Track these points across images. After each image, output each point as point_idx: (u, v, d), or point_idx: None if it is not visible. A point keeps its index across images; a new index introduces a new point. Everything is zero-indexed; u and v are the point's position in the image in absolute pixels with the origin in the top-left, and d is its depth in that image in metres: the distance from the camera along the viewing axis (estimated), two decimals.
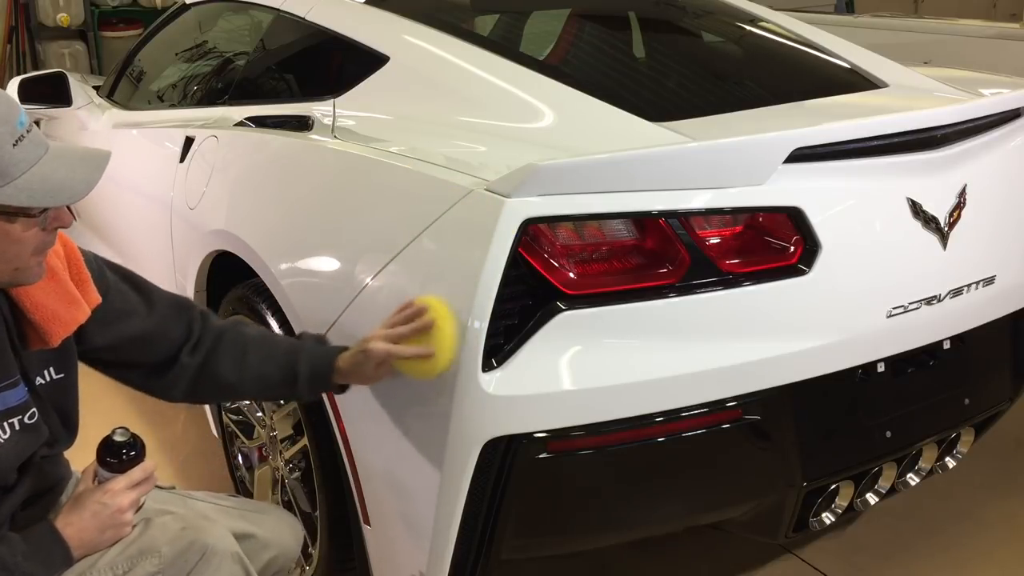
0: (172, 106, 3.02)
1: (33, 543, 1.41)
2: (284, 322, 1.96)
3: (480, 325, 1.50)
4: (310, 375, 1.62)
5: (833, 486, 1.87)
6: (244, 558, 1.55)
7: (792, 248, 1.67)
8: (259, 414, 2.27)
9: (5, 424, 1.42)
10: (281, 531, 1.74)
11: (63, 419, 1.56)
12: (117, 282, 1.60)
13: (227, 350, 1.65)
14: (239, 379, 1.65)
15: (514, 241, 1.50)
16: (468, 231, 1.57)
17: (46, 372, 1.51)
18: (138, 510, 1.52)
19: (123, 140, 3.10)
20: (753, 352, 1.64)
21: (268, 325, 2.00)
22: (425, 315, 1.51)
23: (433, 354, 1.50)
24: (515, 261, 1.51)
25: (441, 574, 1.66)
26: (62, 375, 1.53)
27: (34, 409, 1.47)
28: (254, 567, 1.60)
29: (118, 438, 1.47)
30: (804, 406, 1.73)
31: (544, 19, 2.68)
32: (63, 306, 1.44)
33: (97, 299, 1.51)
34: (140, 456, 1.49)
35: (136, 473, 1.47)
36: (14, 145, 1.28)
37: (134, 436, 1.49)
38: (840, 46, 2.48)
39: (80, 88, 3.54)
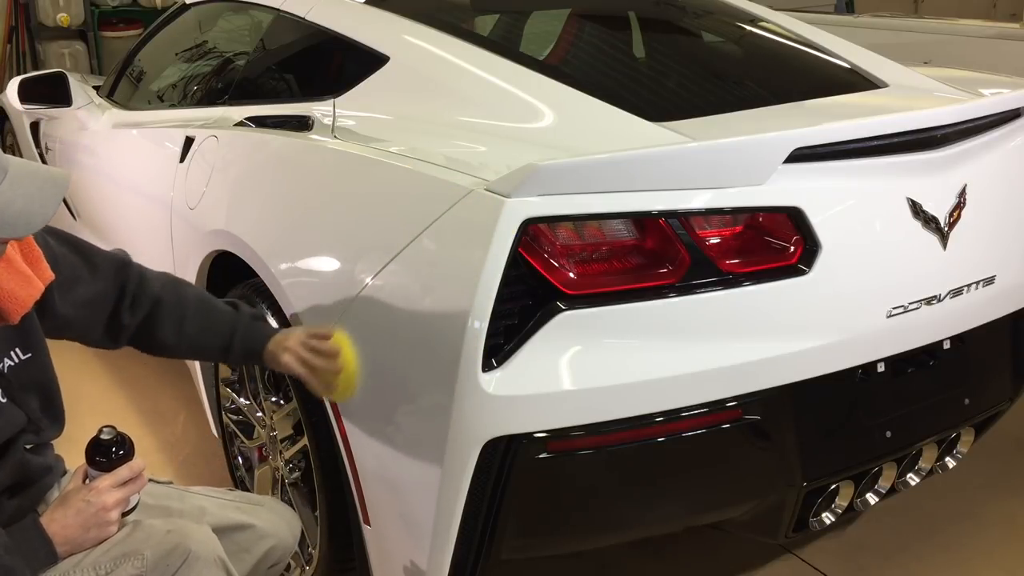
0: (172, 106, 3.02)
1: (17, 537, 1.41)
2: (284, 322, 1.96)
3: (480, 325, 1.50)
4: (242, 352, 1.75)
5: (833, 486, 1.87)
6: (228, 563, 1.54)
7: (792, 248, 1.67)
8: (259, 414, 2.27)
9: None
10: (278, 522, 1.75)
11: (43, 402, 1.56)
12: (61, 248, 1.63)
13: (166, 315, 1.73)
14: (176, 343, 1.75)
15: (514, 241, 1.50)
16: (468, 231, 1.57)
17: (12, 353, 1.52)
18: (130, 511, 1.51)
19: (123, 140, 3.10)
20: (753, 352, 1.64)
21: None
22: (335, 358, 1.66)
23: (332, 393, 1.70)
24: (515, 261, 1.52)
25: (441, 574, 1.66)
26: (30, 355, 1.54)
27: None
28: (251, 556, 1.63)
29: (105, 437, 1.47)
30: (804, 406, 1.73)
31: (544, 19, 2.68)
32: (17, 285, 1.45)
33: (50, 275, 1.53)
34: (128, 455, 1.48)
35: (123, 472, 1.47)
36: None
37: (121, 435, 1.48)
38: (840, 46, 2.48)
39: (80, 88, 3.54)
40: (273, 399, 2.17)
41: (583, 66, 2.41)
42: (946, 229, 1.81)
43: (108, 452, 1.46)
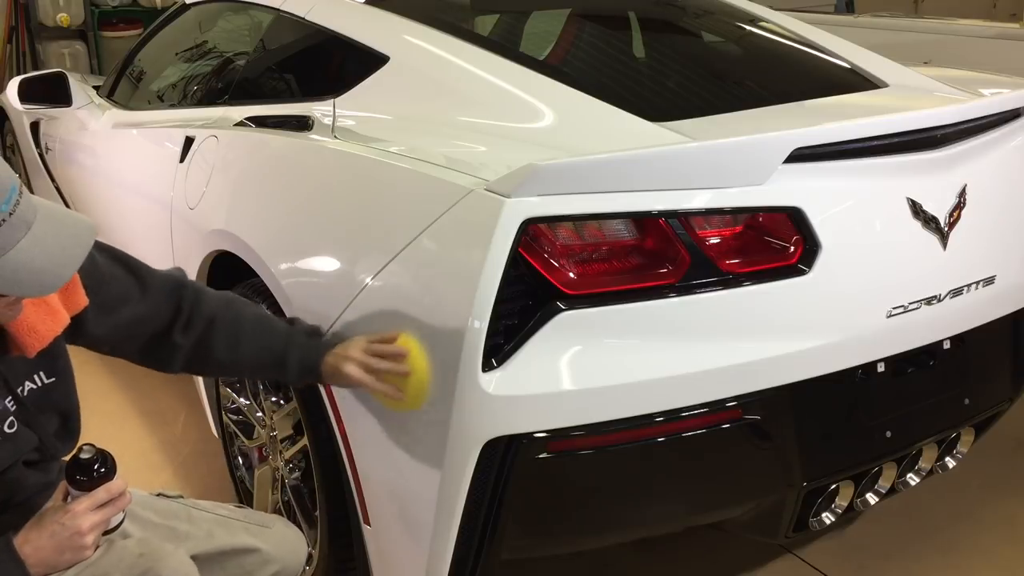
0: (172, 106, 3.02)
1: None
2: None
3: (480, 325, 1.50)
4: (299, 369, 1.67)
5: (833, 486, 1.87)
6: None
7: (792, 248, 1.67)
8: (259, 414, 2.27)
9: None
10: (284, 546, 1.72)
11: (60, 426, 1.54)
12: (111, 267, 1.59)
13: (220, 334, 1.67)
14: (231, 363, 1.70)
15: (514, 241, 1.50)
16: (468, 231, 1.57)
17: (36, 377, 1.48)
18: (112, 530, 1.47)
19: (123, 140, 3.10)
20: (753, 352, 1.64)
21: None
22: (402, 361, 1.57)
23: (403, 399, 1.59)
24: (515, 261, 1.52)
25: (441, 574, 1.66)
26: (53, 379, 1.50)
27: (12, 418, 1.44)
28: None
29: (85, 455, 1.39)
30: (804, 406, 1.73)
31: (544, 19, 2.68)
32: (40, 318, 1.41)
33: (83, 302, 1.48)
34: (110, 474, 1.41)
35: (100, 494, 1.39)
36: None
37: (103, 453, 1.41)
38: (840, 46, 2.48)
39: (80, 88, 3.54)
40: (273, 399, 2.17)
41: (583, 66, 2.41)
42: (946, 229, 1.81)
43: (88, 471, 1.40)
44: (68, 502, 1.40)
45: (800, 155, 1.63)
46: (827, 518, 1.90)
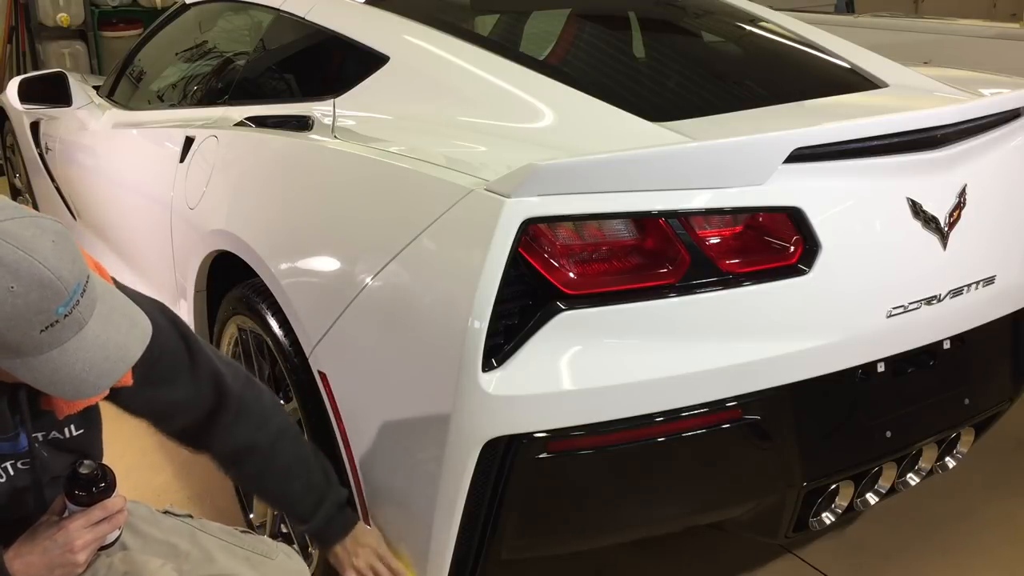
0: (172, 106, 3.02)
1: None
2: (284, 322, 1.96)
3: (480, 325, 1.50)
4: (313, 534, 1.75)
5: (833, 486, 1.87)
6: None
7: (792, 248, 1.67)
8: None
9: (8, 465, 1.40)
10: None
11: (80, 458, 1.50)
12: (172, 340, 1.54)
13: (252, 461, 1.67)
14: (255, 489, 1.82)
15: (514, 241, 1.50)
16: (468, 231, 1.57)
17: (66, 430, 1.46)
18: (107, 546, 1.46)
19: (123, 140, 3.10)
20: (753, 352, 1.64)
21: (268, 325, 2.00)
22: None
23: None
24: (515, 261, 1.52)
25: (441, 574, 1.66)
26: (83, 430, 1.48)
27: (16, 463, 1.42)
28: None
29: (84, 470, 1.38)
30: (804, 406, 1.73)
31: (544, 19, 2.68)
32: None
33: (127, 381, 1.43)
34: (109, 490, 1.39)
35: (95, 513, 1.38)
36: (42, 331, 1.16)
37: (102, 468, 1.40)
38: (840, 46, 2.48)
39: (80, 88, 3.54)
40: None
41: (583, 66, 2.41)
42: (946, 229, 1.81)
43: (88, 487, 1.38)
44: (64, 517, 1.38)
45: (800, 155, 1.63)
46: (827, 518, 1.90)
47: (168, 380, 1.54)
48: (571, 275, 1.55)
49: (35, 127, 3.99)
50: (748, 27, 2.63)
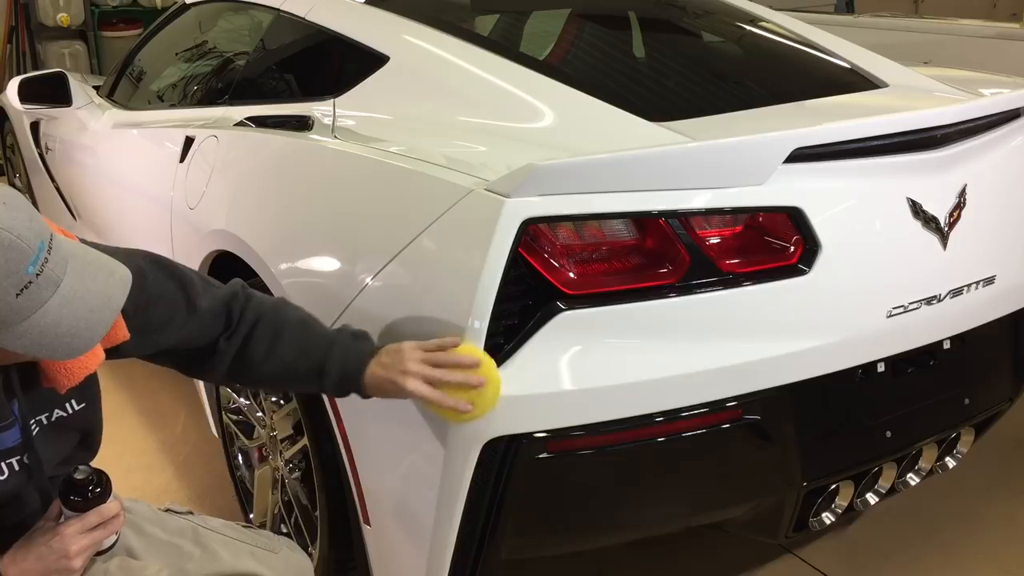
0: (172, 106, 3.02)
1: None
2: None
3: (480, 325, 1.50)
4: (339, 376, 1.56)
5: (833, 486, 1.87)
6: None
7: (792, 248, 1.67)
8: (259, 414, 2.27)
9: (3, 464, 1.39)
10: (288, 573, 1.69)
11: (82, 439, 1.51)
12: (162, 284, 1.51)
13: (261, 337, 1.57)
14: (270, 371, 1.59)
15: (514, 241, 1.50)
16: (468, 231, 1.57)
17: (67, 405, 1.45)
18: (104, 551, 1.45)
19: (123, 140, 3.10)
20: (753, 352, 1.64)
21: None
22: (477, 371, 1.47)
23: (471, 411, 1.48)
24: (515, 261, 1.52)
25: (441, 574, 1.66)
26: (83, 404, 1.47)
27: (15, 459, 1.40)
28: None
29: (79, 476, 1.36)
30: (804, 406, 1.73)
31: (544, 19, 2.68)
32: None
33: (123, 336, 1.42)
34: (104, 495, 1.37)
35: (91, 518, 1.36)
36: (18, 295, 1.14)
37: (98, 472, 1.38)
38: (840, 46, 2.48)
39: (80, 88, 3.54)
40: (273, 399, 2.17)
41: (583, 66, 2.41)
42: (946, 229, 1.81)
43: (83, 492, 1.36)
44: (59, 522, 1.37)
45: (800, 155, 1.63)
46: (827, 518, 1.90)
47: (166, 322, 1.51)
48: (571, 275, 1.55)
49: (35, 127, 4.00)
50: (748, 27, 2.63)
